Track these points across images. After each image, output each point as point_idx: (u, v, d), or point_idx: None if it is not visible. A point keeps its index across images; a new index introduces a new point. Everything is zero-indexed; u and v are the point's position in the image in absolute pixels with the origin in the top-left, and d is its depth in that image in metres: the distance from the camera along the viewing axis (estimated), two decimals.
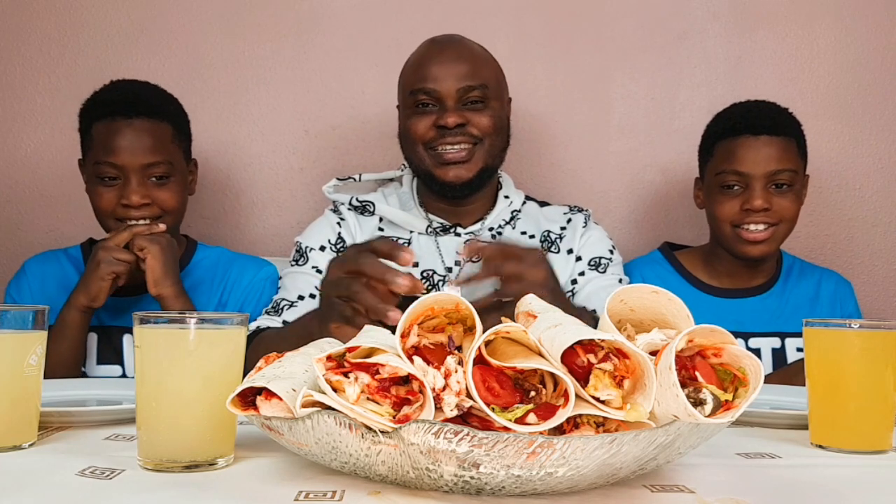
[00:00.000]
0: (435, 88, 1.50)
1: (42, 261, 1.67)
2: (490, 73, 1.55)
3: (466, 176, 1.52)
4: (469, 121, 1.50)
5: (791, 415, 1.09)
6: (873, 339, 0.96)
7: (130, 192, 1.49)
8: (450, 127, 1.49)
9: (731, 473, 0.85)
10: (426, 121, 1.51)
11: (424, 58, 1.55)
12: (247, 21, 2.04)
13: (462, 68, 1.51)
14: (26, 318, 0.88)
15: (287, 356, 0.81)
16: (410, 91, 1.53)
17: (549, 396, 0.71)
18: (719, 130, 1.69)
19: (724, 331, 0.74)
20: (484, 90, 1.51)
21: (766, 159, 1.61)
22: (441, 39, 1.58)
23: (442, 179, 1.52)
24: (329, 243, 1.58)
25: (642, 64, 2.08)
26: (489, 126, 1.52)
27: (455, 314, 0.74)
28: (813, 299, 1.75)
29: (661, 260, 1.79)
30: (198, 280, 1.65)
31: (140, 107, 1.52)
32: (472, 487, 0.70)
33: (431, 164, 1.52)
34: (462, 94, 1.50)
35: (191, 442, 0.79)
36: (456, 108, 1.50)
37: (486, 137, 1.52)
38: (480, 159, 1.52)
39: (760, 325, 1.70)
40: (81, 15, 2.02)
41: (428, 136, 1.51)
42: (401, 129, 1.58)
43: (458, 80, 1.50)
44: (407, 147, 1.57)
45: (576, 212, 1.66)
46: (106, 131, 1.51)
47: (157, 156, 1.51)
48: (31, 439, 0.88)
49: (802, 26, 2.09)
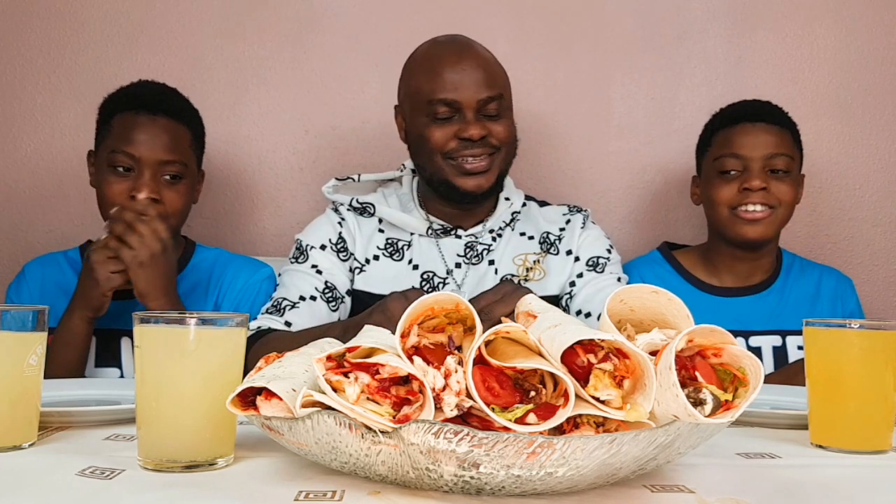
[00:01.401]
0: (456, 99, 1.47)
1: (41, 264, 1.67)
2: (504, 81, 1.55)
3: (486, 185, 1.51)
4: (490, 132, 1.49)
5: (791, 415, 1.09)
6: (873, 339, 0.96)
7: (142, 185, 1.49)
8: (474, 140, 1.48)
9: (731, 473, 0.85)
10: (447, 131, 1.49)
11: (440, 64, 1.50)
12: (247, 21, 2.04)
13: (481, 76, 1.49)
14: (26, 319, 0.88)
15: (287, 356, 0.81)
16: (428, 100, 1.49)
17: (549, 396, 0.71)
18: (717, 122, 1.74)
19: (723, 331, 0.74)
20: (500, 101, 1.51)
21: (764, 143, 1.65)
22: (452, 44, 1.54)
23: (462, 189, 1.51)
24: (330, 242, 1.58)
25: (642, 64, 2.08)
26: (507, 136, 1.52)
27: (455, 314, 0.74)
28: (813, 297, 1.74)
29: (660, 260, 1.79)
30: (195, 282, 1.64)
31: (165, 105, 1.55)
32: (472, 487, 0.70)
33: (451, 174, 1.51)
34: (481, 105, 1.49)
35: (191, 442, 0.79)
36: (476, 119, 1.48)
37: (503, 146, 1.52)
38: (497, 167, 1.52)
39: (761, 323, 1.70)
40: (81, 15, 2.02)
41: (448, 146, 1.49)
42: (414, 134, 1.54)
43: (479, 91, 1.48)
44: (422, 154, 1.53)
45: (574, 212, 1.66)
46: (128, 122, 1.52)
47: (174, 155, 1.52)
48: (31, 439, 0.88)
49: (802, 26, 2.09)
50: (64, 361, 1.45)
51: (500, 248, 1.59)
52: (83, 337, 1.47)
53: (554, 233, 1.62)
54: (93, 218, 1.58)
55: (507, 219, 1.62)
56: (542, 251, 1.59)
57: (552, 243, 1.60)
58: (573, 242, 1.60)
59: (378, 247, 1.58)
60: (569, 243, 1.60)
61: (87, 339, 1.49)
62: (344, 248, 1.58)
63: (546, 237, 1.61)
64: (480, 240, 1.59)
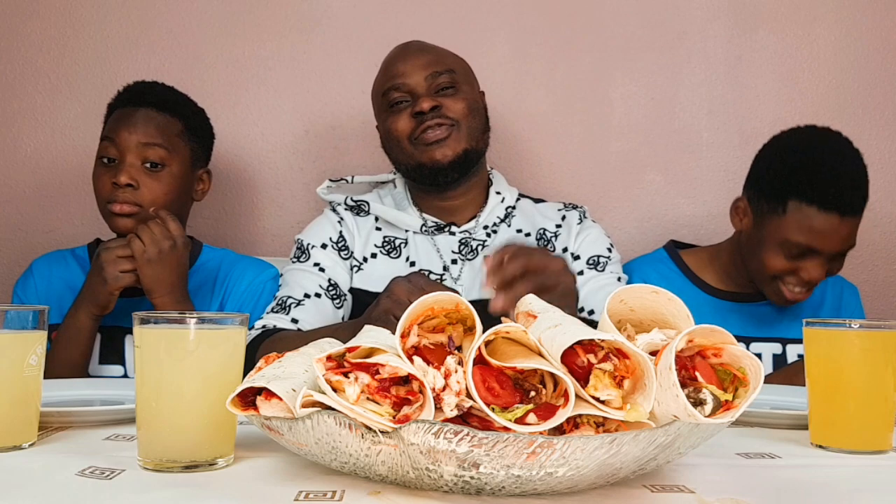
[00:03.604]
0: (404, 82, 1.54)
1: (49, 261, 1.68)
2: (455, 61, 1.60)
3: (451, 154, 1.52)
4: (442, 104, 1.52)
5: (791, 415, 1.09)
6: (873, 339, 0.96)
7: (121, 171, 1.50)
8: (425, 111, 1.50)
9: (731, 473, 0.85)
10: (403, 115, 1.53)
11: (390, 60, 1.59)
12: (247, 21, 2.04)
13: (426, 58, 1.56)
14: (26, 319, 0.89)
15: (287, 356, 0.81)
16: (382, 93, 1.56)
17: (549, 396, 0.71)
18: (802, 187, 1.50)
19: (724, 331, 0.74)
20: (452, 75, 1.55)
21: (843, 239, 1.51)
22: (401, 44, 1.63)
23: (429, 164, 1.52)
24: (331, 241, 1.58)
25: (642, 64, 2.08)
26: (463, 109, 1.54)
27: (455, 314, 0.74)
28: (817, 305, 1.73)
29: (665, 259, 1.78)
30: (201, 282, 1.65)
31: (151, 97, 1.58)
32: (472, 487, 0.70)
33: (417, 154, 1.53)
34: (431, 82, 1.53)
35: (191, 442, 0.79)
36: (427, 95, 1.52)
37: (462, 120, 1.53)
38: (462, 140, 1.53)
39: (762, 330, 1.69)
40: (81, 15, 2.02)
41: (408, 128, 1.53)
42: (382, 135, 1.61)
43: (425, 69, 1.54)
44: (392, 148, 1.58)
45: (570, 209, 1.66)
46: (115, 116, 1.57)
47: (155, 139, 1.53)
48: (31, 439, 0.88)
49: (802, 26, 2.09)
50: (67, 357, 1.47)
51: (496, 243, 1.59)
52: (88, 333, 1.48)
53: (550, 229, 1.62)
54: (93, 217, 1.58)
55: (501, 214, 1.62)
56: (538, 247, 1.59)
57: (548, 240, 1.60)
58: (570, 240, 1.60)
59: (375, 244, 1.59)
60: (565, 240, 1.61)
61: (92, 336, 1.50)
62: (344, 246, 1.58)
63: (542, 233, 1.61)
64: (475, 235, 1.59)
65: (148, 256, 1.43)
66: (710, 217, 2.05)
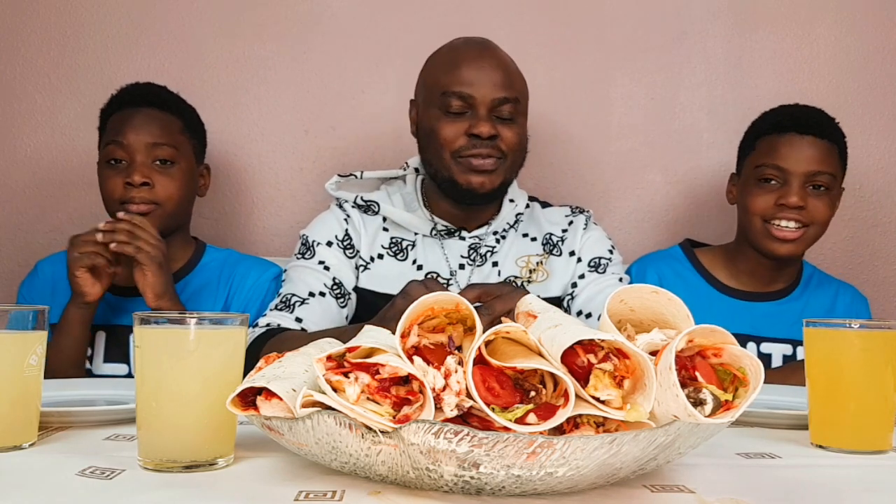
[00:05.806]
0: (471, 94, 1.47)
1: (53, 262, 1.69)
2: (522, 87, 1.54)
3: (489, 186, 1.50)
4: (500, 134, 1.48)
5: (791, 415, 1.09)
6: (873, 339, 0.96)
7: (133, 171, 1.52)
8: (483, 137, 1.46)
9: (731, 473, 0.85)
10: (457, 127, 1.48)
11: (460, 59, 1.50)
12: (247, 21, 2.04)
13: (499, 77, 1.48)
14: (26, 319, 0.88)
15: (287, 356, 0.81)
16: (443, 92, 1.48)
17: (549, 396, 0.71)
18: (765, 126, 1.69)
19: (724, 331, 0.74)
20: (516, 105, 1.50)
21: (809, 159, 1.61)
22: (476, 42, 1.55)
23: (466, 186, 1.49)
24: (336, 239, 1.56)
25: (642, 64, 2.08)
26: (515, 143, 1.51)
27: (455, 314, 0.74)
28: (828, 311, 1.73)
29: (680, 257, 1.78)
30: (204, 282, 1.65)
31: (150, 98, 1.60)
32: (472, 487, 0.70)
33: (457, 172, 1.49)
34: (496, 105, 1.48)
35: (191, 442, 0.79)
36: (488, 118, 1.47)
37: (510, 153, 1.50)
38: (503, 173, 1.51)
39: (774, 330, 1.69)
40: (81, 15, 2.02)
41: (457, 143, 1.48)
42: (425, 128, 1.53)
43: (494, 90, 1.47)
44: (431, 149, 1.52)
45: (577, 213, 1.65)
46: (117, 119, 1.58)
47: (163, 139, 1.56)
48: (31, 439, 0.88)
49: (802, 26, 2.09)
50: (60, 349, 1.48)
51: (504, 249, 1.59)
52: (75, 325, 1.49)
53: (557, 234, 1.61)
54: (94, 217, 1.58)
55: (510, 220, 1.61)
56: (545, 252, 1.59)
57: (555, 244, 1.60)
58: (576, 244, 1.60)
59: (382, 245, 1.58)
60: (571, 244, 1.60)
61: (81, 328, 1.50)
62: (350, 245, 1.57)
63: (549, 238, 1.61)
64: (484, 241, 1.58)
65: (158, 261, 1.45)
66: (710, 217, 2.05)
